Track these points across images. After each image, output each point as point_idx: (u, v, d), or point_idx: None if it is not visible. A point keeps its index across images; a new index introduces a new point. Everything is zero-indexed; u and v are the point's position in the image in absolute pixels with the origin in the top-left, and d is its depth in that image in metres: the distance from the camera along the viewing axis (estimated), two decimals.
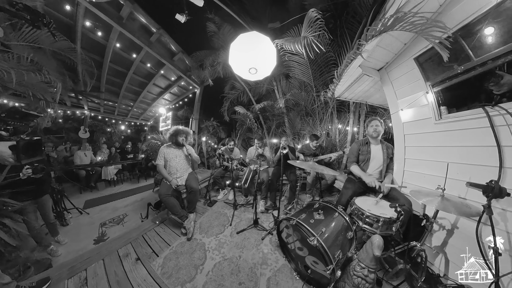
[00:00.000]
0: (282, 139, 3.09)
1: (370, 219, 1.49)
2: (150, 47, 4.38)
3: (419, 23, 1.29)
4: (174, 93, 7.67)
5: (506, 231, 1.13)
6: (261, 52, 1.30)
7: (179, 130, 2.47)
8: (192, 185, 2.37)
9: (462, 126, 1.48)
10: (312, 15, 2.06)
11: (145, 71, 5.91)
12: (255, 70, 1.33)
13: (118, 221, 2.71)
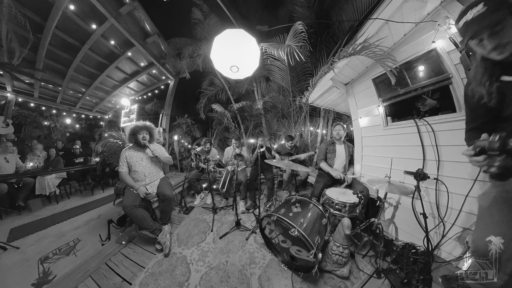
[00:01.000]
0: (259, 139, 3.22)
1: (339, 206, 1.84)
2: (118, 20, 3.46)
3: (378, 53, 1.75)
4: (143, 82, 6.38)
5: (429, 201, 1.70)
6: (246, 51, 1.29)
7: (137, 127, 2.10)
8: (166, 192, 2.09)
9: (400, 132, 2.07)
10: (298, 27, 2.32)
11: (106, 49, 4.56)
12: (237, 68, 1.32)
13: (67, 251, 2.05)
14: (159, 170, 2.28)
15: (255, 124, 4.32)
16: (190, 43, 3.89)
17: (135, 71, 5.69)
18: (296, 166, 2.13)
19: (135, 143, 2.14)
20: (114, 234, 2.24)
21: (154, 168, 2.21)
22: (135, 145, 2.16)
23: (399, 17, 1.60)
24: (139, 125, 2.12)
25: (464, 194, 1.44)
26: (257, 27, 2.60)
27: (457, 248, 1.45)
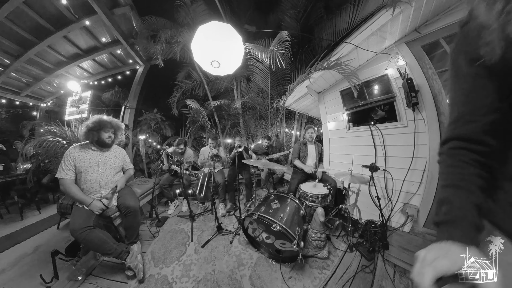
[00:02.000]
0: (236, 139, 3.22)
1: (313, 198, 2.14)
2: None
3: (347, 71, 2.20)
4: (102, 62, 4.85)
5: (380, 186, 2.27)
6: (230, 48, 1.23)
7: (103, 122, 1.70)
8: (129, 204, 1.74)
9: (359, 134, 2.65)
10: (283, 36, 2.51)
11: (53, 9, 3.19)
12: (218, 64, 1.25)
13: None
14: (118, 179, 1.86)
15: (233, 123, 4.24)
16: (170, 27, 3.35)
17: (93, 47, 4.22)
18: (273, 165, 2.24)
19: (96, 141, 1.69)
20: (63, 270, 1.66)
21: (114, 177, 1.79)
22: (94, 144, 1.71)
23: (366, 45, 2.08)
24: (106, 120, 1.70)
25: (402, 179, 2.05)
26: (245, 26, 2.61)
27: (401, 218, 2.04)
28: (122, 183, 1.82)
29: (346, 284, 1.58)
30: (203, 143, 4.65)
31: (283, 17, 2.91)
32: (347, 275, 1.66)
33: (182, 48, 3.30)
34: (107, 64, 5.05)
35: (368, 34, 1.92)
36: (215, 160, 2.47)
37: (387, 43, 2.00)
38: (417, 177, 1.93)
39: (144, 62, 4.45)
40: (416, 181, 1.94)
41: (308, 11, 2.73)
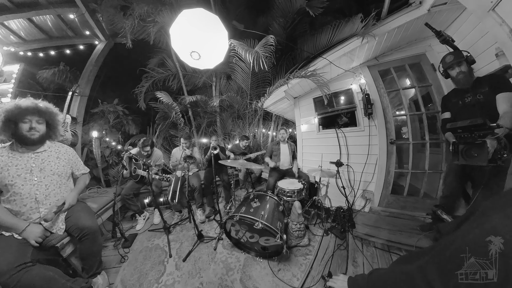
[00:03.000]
0: (212, 139, 3.09)
1: (290, 193, 2.33)
2: None
3: (320, 81, 2.61)
4: (42, 25, 3.31)
5: (345, 178, 2.78)
6: (213, 41, 1.14)
7: (21, 107, 1.21)
8: (84, 224, 1.33)
9: (327, 136, 3.13)
10: (269, 40, 2.61)
11: None
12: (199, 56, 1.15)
13: None
14: (66, 190, 1.41)
15: (209, 122, 3.94)
16: (148, 2, 2.74)
17: (32, 1, 2.81)
18: (251, 164, 2.29)
19: (17, 139, 1.24)
20: None
21: (57, 187, 1.33)
22: (16, 143, 1.25)
23: (338, 63, 2.53)
24: (26, 104, 1.21)
25: (361, 171, 2.61)
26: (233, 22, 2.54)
27: (362, 202, 2.58)
28: (73, 197, 1.38)
29: (327, 263, 1.84)
30: (175, 143, 4.10)
31: (272, 22, 3.06)
32: (327, 255, 1.93)
33: (159, 30, 2.81)
34: (51, 30, 3.50)
35: (341, 54, 2.36)
36: (189, 161, 2.25)
37: (354, 64, 2.52)
38: (371, 169, 2.52)
39: (106, 38, 3.44)
40: (370, 172, 2.53)
41: (295, 23, 3.02)
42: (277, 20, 2.98)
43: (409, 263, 0.57)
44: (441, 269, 0.47)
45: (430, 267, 0.50)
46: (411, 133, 2.19)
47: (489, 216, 0.47)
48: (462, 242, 0.47)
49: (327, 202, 2.90)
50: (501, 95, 1.30)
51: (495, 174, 1.33)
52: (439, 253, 0.51)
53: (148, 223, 2.52)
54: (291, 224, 2.02)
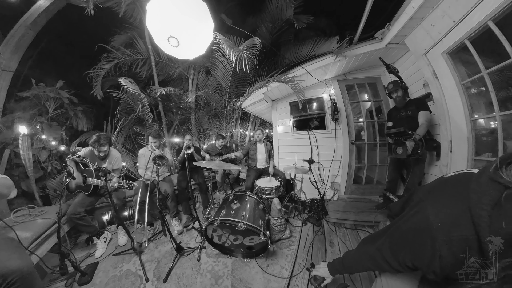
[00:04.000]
0: (185, 138, 2.86)
1: (268, 191, 2.47)
2: None
3: (297, 87, 2.95)
4: None
5: (317, 174, 3.22)
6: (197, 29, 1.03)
7: None
8: (7, 267, 0.96)
9: (300, 137, 3.52)
10: (255, 41, 2.65)
11: None
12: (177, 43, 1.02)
13: None
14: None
15: (182, 119, 3.45)
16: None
17: None
18: (228, 165, 2.25)
19: None
20: None
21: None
22: None
23: (314, 73, 2.90)
24: None
25: (329, 167, 3.11)
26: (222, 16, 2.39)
27: (331, 192, 3.07)
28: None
29: (309, 249, 2.11)
30: (141, 142, 3.40)
31: (260, 25, 3.08)
32: (308, 242, 2.21)
33: (133, 2, 2.23)
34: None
35: (317, 66, 2.74)
36: (159, 163, 1.91)
37: (327, 76, 2.97)
38: (337, 165, 3.05)
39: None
40: (336, 167, 3.06)
41: (282, 31, 3.17)
42: (266, 24, 3.08)
43: (371, 243, 0.74)
44: (393, 248, 0.63)
45: (385, 247, 0.66)
46: (367, 135, 2.85)
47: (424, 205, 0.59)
48: (406, 227, 0.62)
49: (303, 195, 3.25)
50: (421, 113, 1.93)
51: (416, 163, 1.97)
52: (391, 235, 0.66)
53: (112, 246, 2.06)
54: (272, 220, 2.14)
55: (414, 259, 0.57)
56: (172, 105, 3.57)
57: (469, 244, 0.47)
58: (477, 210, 0.45)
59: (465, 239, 0.47)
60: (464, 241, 0.47)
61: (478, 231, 0.45)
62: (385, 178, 2.52)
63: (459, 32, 1.39)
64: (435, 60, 1.64)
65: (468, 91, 1.53)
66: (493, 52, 1.28)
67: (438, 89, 1.71)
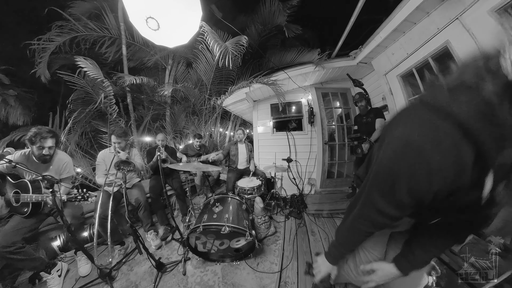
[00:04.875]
0: (157, 137, 2.52)
1: (250, 190, 2.46)
2: None
3: (279, 90, 3.17)
4: None
5: (295, 171, 3.50)
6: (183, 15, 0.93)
7: None
8: None
9: (280, 137, 3.74)
10: (242, 40, 2.60)
11: None
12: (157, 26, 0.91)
13: None
14: None
15: (156, 115, 2.90)
16: None
17: None
18: (207, 167, 2.11)
19: None
20: None
21: None
22: None
23: (295, 79, 3.16)
24: None
25: (306, 165, 3.45)
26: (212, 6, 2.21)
27: (308, 187, 3.39)
28: None
29: (294, 240, 2.30)
30: (102, 142, 2.70)
31: (251, 25, 3.02)
32: (292, 235, 2.40)
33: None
34: None
35: (298, 73, 3.01)
36: (125, 169, 1.58)
37: (306, 83, 3.29)
38: (312, 163, 3.42)
39: None
40: (312, 165, 3.43)
41: (271, 35, 3.21)
42: (257, 25, 3.08)
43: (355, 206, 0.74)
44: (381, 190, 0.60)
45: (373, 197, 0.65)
46: (337, 137, 3.33)
47: (388, 137, 0.56)
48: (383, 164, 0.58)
49: (283, 192, 3.47)
50: (377, 120, 2.44)
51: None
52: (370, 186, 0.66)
53: (71, 279, 1.62)
54: (256, 219, 2.18)
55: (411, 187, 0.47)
56: (144, 98, 3.01)
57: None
58: None
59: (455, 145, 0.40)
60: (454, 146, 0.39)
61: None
62: (352, 172, 3.05)
63: (409, 62, 1.89)
64: (392, 80, 2.16)
65: None
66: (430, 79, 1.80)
67: (392, 102, 2.24)
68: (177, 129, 3.53)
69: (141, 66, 3.29)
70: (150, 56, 3.10)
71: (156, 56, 3.08)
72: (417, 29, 1.68)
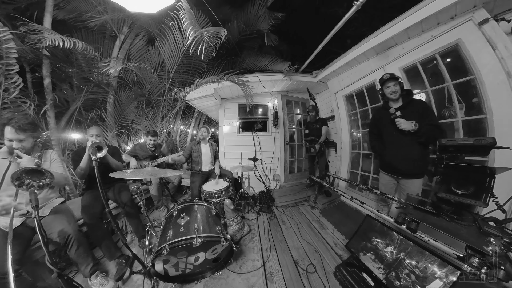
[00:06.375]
0: (90, 131, 1.73)
1: (218, 194, 2.30)
2: None
3: (248, 92, 3.35)
4: None
5: (261, 169, 3.74)
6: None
7: None
8: None
9: (246, 137, 3.84)
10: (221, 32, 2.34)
11: None
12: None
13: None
14: None
15: (91, 100, 1.81)
16: None
17: None
18: (165, 171, 1.72)
19: None
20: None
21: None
22: None
23: (264, 83, 3.40)
24: None
25: (270, 163, 3.79)
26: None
27: (274, 183, 3.71)
28: None
29: (269, 233, 2.55)
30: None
31: (233, 20, 2.70)
32: (266, 229, 2.62)
33: None
34: None
35: (269, 79, 3.29)
36: (34, 185, 1.02)
37: (274, 89, 3.60)
38: (276, 160, 3.82)
39: None
40: (276, 162, 3.81)
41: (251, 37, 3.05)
42: (239, 22, 2.88)
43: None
44: None
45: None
46: (297, 138, 3.93)
47: None
48: None
49: (251, 190, 3.60)
50: (323, 127, 3.22)
51: (322, 156, 3.23)
52: None
53: None
54: (229, 222, 2.15)
55: None
56: (74, 74, 1.83)
57: None
58: None
59: None
60: None
61: None
62: (308, 166, 3.75)
63: (352, 88, 2.70)
64: (339, 98, 2.95)
65: (350, 118, 2.97)
66: (363, 102, 2.67)
67: (338, 115, 3.06)
68: (123, 123, 2.57)
69: (78, 23, 2.13)
70: (96, 13, 2.06)
71: (105, 16, 2.10)
72: (360, 67, 2.47)
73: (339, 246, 2.03)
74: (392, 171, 1.75)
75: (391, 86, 1.63)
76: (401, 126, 1.51)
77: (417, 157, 1.56)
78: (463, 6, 1.48)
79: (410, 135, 1.53)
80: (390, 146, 1.71)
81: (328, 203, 2.96)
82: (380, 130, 1.78)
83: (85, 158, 1.59)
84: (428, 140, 1.51)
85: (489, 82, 1.46)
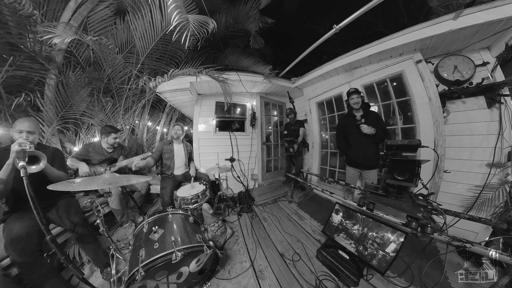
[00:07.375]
0: (17, 126, 1.28)
1: (194, 199, 2.11)
2: None
3: (227, 90, 3.30)
4: None
5: (239, 169, 3.70)
6: None
7: None
8: None
9: (222, 137, 3.70)
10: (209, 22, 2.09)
11: None
12: None
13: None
14: None
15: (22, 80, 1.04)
16: None
17: None
18: (128, 178, 1.32)
19: None
20: None
21: None
22: None
23: (245, 84, 3.38)
24: None
25: (248, 163, 3.81)
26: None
27: (253, 182, 3.73)
28: None
29: (252, 233, 2.61)
30: None
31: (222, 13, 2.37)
32: (249, 228, 2.68)
33: None
34: None
35: (249, 79, 3.30)
36: None
37: (254, 90, 3.62)
38: (253, 160, 3.87)
39: None
40: (253, 162, 3.87)
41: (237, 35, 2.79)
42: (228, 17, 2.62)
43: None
44: None
45: None
46: (273, 138, 4.11)
47: None
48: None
49: (230, 191, 3.50)
50: (301, 128, 3.57)
51: (299, 155, 3.60)
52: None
53: None
54: (209, 228, 2.01)
55: None
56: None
57: None
58: None
59: None
60: None
61: None
62: (284, 165, 4.01)
63: (323, 96, 3.13)
64: (312, 104, 3.35)
65: (320, 122, 3.43)
66: (331, 109, 3.14)
67: (310, 118, 3.45)
68: (69, 115, 1.85)
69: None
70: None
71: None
72: (331, 80, 2.92)
73: (317, 232, 2.30)
74: (356, 165, 2.23)
75: (354, 98, 2.08)
76: (364, 130, 1.96)
77: (373, 153, 2.07)
78: (408, 48, 2.07)
79: (368, 137, 2.01)
80: (354, 146, 2.17)
81: (303, 196, 3.30)
82: (346, 133, 2.22)
83: (6, 166, 1.10)
84: (380, 141, 2.04)
85: (418, 103, 2.10)
